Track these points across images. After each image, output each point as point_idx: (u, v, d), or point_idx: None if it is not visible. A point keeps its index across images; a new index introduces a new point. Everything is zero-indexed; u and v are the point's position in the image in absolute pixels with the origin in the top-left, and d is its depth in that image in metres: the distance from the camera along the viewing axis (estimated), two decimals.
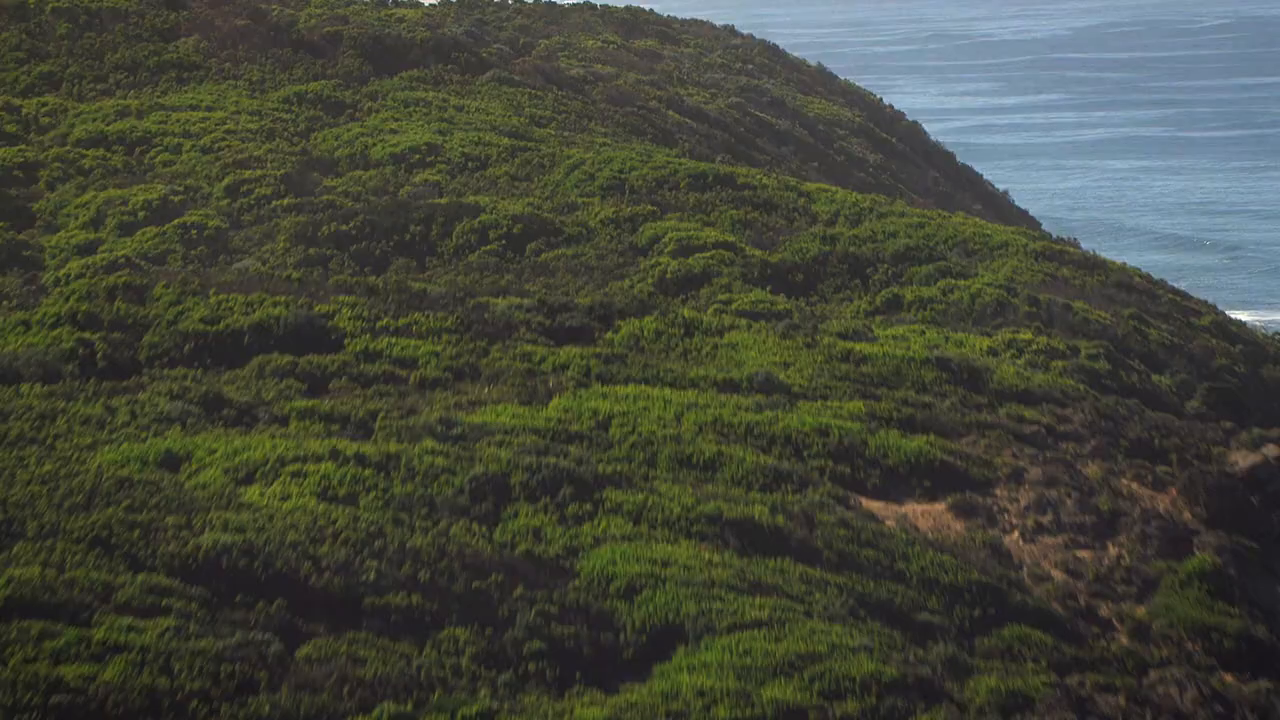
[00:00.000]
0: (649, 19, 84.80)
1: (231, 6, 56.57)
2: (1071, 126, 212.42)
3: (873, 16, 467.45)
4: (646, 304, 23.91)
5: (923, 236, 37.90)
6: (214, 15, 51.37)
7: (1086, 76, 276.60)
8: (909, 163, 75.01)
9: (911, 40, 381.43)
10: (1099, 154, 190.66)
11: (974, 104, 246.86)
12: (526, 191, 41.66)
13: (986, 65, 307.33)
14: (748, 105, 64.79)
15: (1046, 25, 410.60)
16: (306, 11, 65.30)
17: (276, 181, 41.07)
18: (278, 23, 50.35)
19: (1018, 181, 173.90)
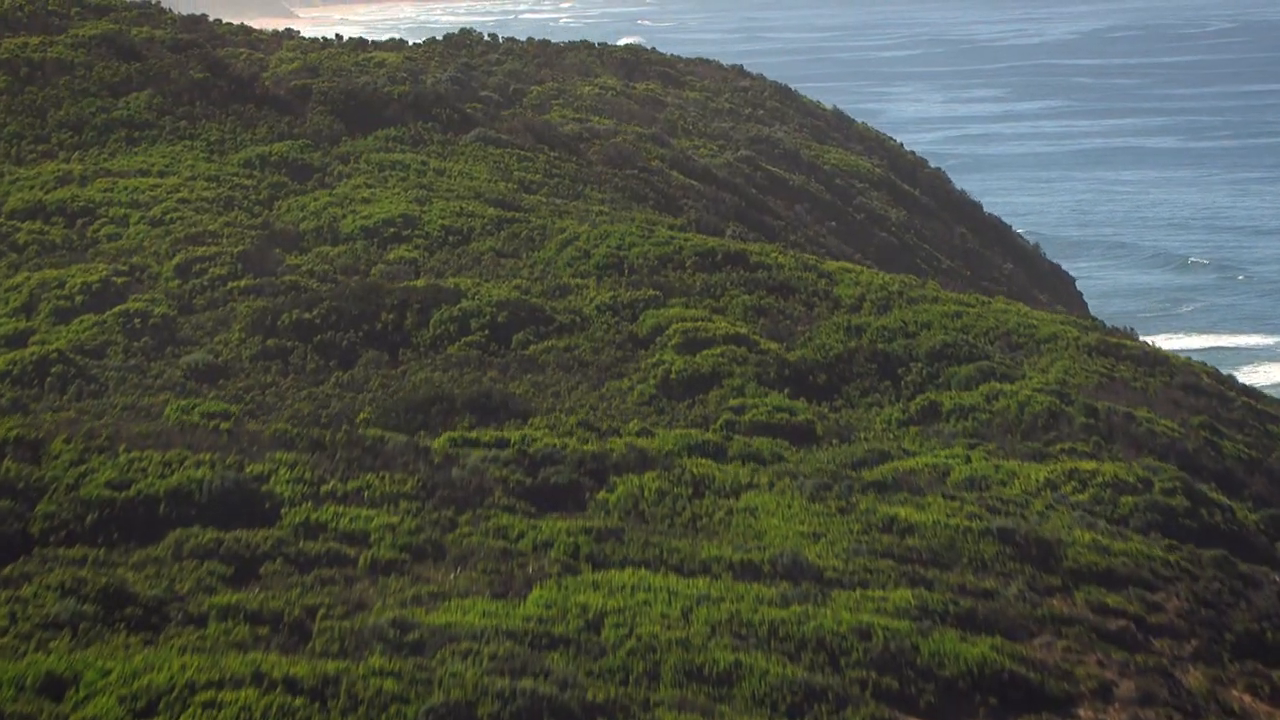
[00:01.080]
0: (650, 59, 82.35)
1: (191, 56, 54.00)
2: (1078, 135, 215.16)
3: (867, 20, 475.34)
4: (647, 457, 21.19)
5: (960, 328, 35.13)
6: (170, 67, 48.71)
7: (1092, 84, 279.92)
8: (934, 218, 72.34)
9: (910, 44, 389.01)
10: (1107, 164, 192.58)
11: (980, 111, 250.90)
12: (514, 271, 38.93)
13: (991, 71, 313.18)
14: (759, 158, 62.16)
15: (1051, 29, 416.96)
16: (277, 56, 62.97)
17: (233, 260, 38.36)
18: (240, 75, 47.71)
19: (1026, 193, 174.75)
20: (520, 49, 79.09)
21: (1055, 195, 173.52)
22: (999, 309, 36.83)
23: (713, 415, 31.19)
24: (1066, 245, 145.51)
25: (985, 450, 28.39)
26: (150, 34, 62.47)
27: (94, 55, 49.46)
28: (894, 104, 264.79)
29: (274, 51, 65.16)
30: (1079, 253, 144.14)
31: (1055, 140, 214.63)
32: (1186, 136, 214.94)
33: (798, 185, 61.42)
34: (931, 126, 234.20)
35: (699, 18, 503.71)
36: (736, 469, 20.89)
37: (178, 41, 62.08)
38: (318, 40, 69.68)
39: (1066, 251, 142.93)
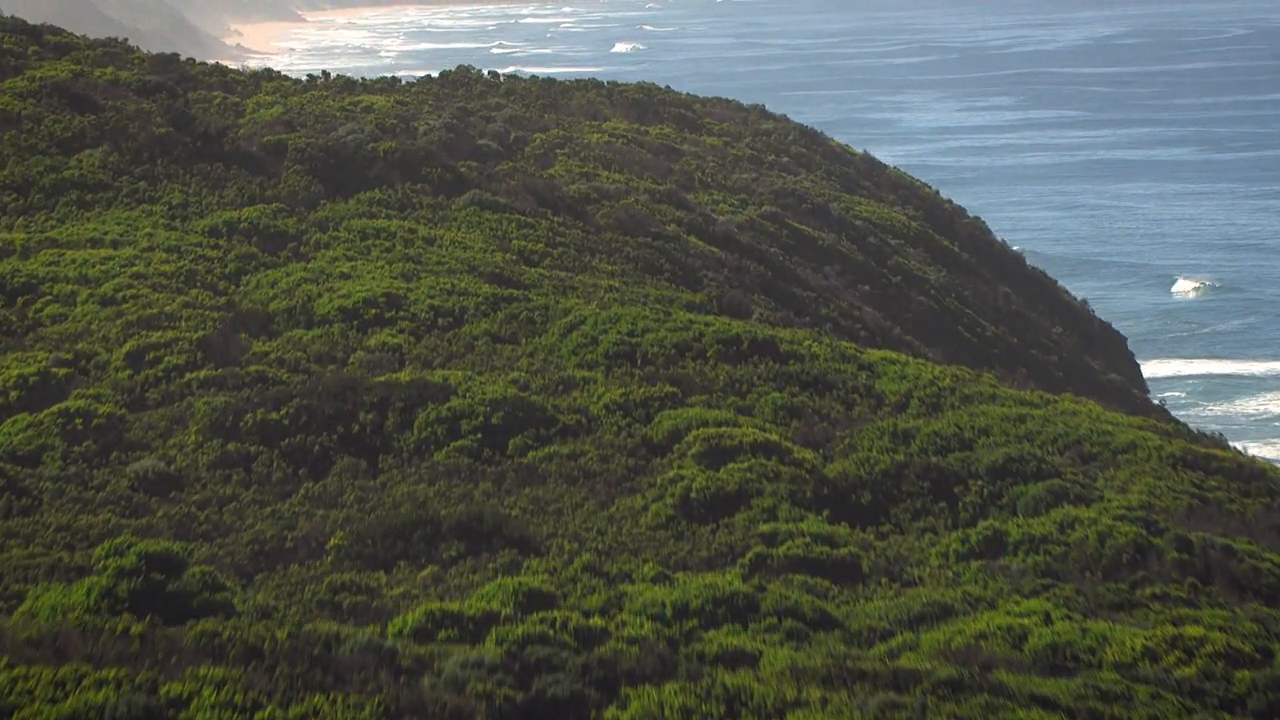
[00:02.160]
0: (664, 99, 79.62)
1: (154, 104, 51.29)
2: (1094, 146, 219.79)
3: (869, 26, 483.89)
4: (666, 661, 18.28)
5: (1023, 434, 32.16)
6: (129, 120, 45.92)
7: (1106, 92, 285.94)
8: (975, 276, 69.45)
9: (917, 51, 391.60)
10: (1123, 176, 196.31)
11: (993, 120, 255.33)
12: (511, 360, 36.02)
13: (1002, 78, 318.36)
14: (785, 214, 59.33)
15: (1062, 35, 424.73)
16: (255, 99, 60.32)
17: (192, 347, 35.50)
18: (207, 130, 44.88)
19: (1041, 207, 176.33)
20: (523, 89, 76.38)
21: (1071, 210, 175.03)
22: (1066, 410, 33.86)
23: (740, 544, 28.26)
24: (1083, 264, 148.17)
25: (1063, 596, 25.41)
26: (115, 76, 59.89)
27: (44, 106, 46.73)
28: (906, 113, 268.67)
29: (252, 94, 62.41)
30: (1096, 272, 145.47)
31: (1070, 151, 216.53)
32: (1205, 148, 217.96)
33: (828, 244, 58.56)
34: (944, 136, 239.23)
35: (701, 23, 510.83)
36: (778, 677, 17.93)
37: (145, 84, 59.50)
38: (300, 82, 66.96)
39: (1084, 270, 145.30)
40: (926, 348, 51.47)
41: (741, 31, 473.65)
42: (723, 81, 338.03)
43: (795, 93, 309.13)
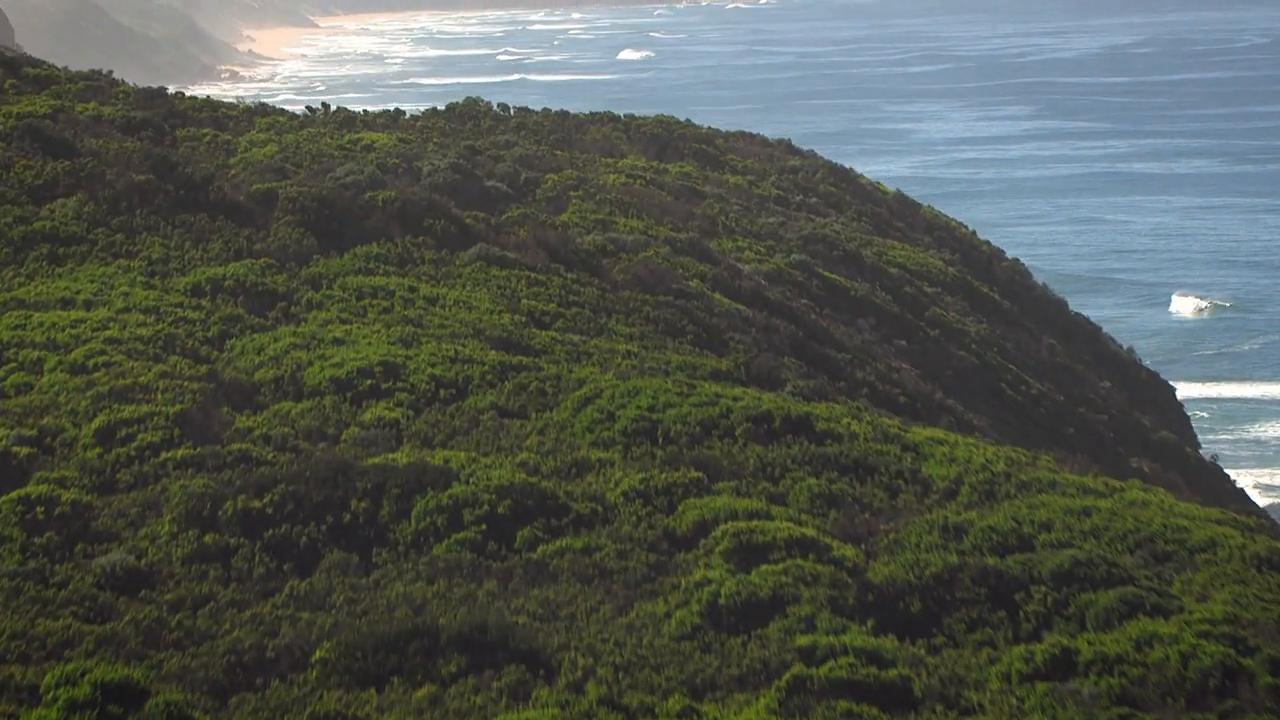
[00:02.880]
0: (685, 133, 77.51)
1: (138, 142, 49.29)
2: (1112, 158, 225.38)
3: (877, 34, 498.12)
4: None
5: (1089, 530, 29.91)
6: (107, 166, 43.82)
7: (1123, 102, 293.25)
8: (1017, 326, 67.23)
9: (931, 60, 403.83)
10: (1143, 189, 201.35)
11: (1009, 130, 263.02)
12: (519, 438, 33.83)
13: (1017, 87, 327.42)
14: (815, 262, 57.15)
15: (1076, 43, 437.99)
16: (248, 137, 58.45)
17: (169, 423, 33.38)
18: (191, 177, 42.75)
19: (1059, 221, 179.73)
20: (534, 123, 74.33)
21: (1091, 225, 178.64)
22: (1135, 500, 31.58)
23: (776, 660, 26.02)
24: (1103, 282, 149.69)
25: None
26: (98, 111, 57.98)
27: (14, 150, 44.67)
28: (921, 123, 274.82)
29: (244, 131, 60.45)
30: (1115, 290, 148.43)
31: (1088, 163, 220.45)
32: (1225, 160, 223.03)
33: (861, 295, 56.37)
34: (960, 147, 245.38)
35: (711, 30, 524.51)
36: None
37: (130, 120, 57.58)
38: (297, 117, 64.88)
39: (1103, 288, 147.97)
40: (971, 412, 49.27)
41: (750, 39, 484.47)
42: (733, 90, 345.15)
43: (808, 101, 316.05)
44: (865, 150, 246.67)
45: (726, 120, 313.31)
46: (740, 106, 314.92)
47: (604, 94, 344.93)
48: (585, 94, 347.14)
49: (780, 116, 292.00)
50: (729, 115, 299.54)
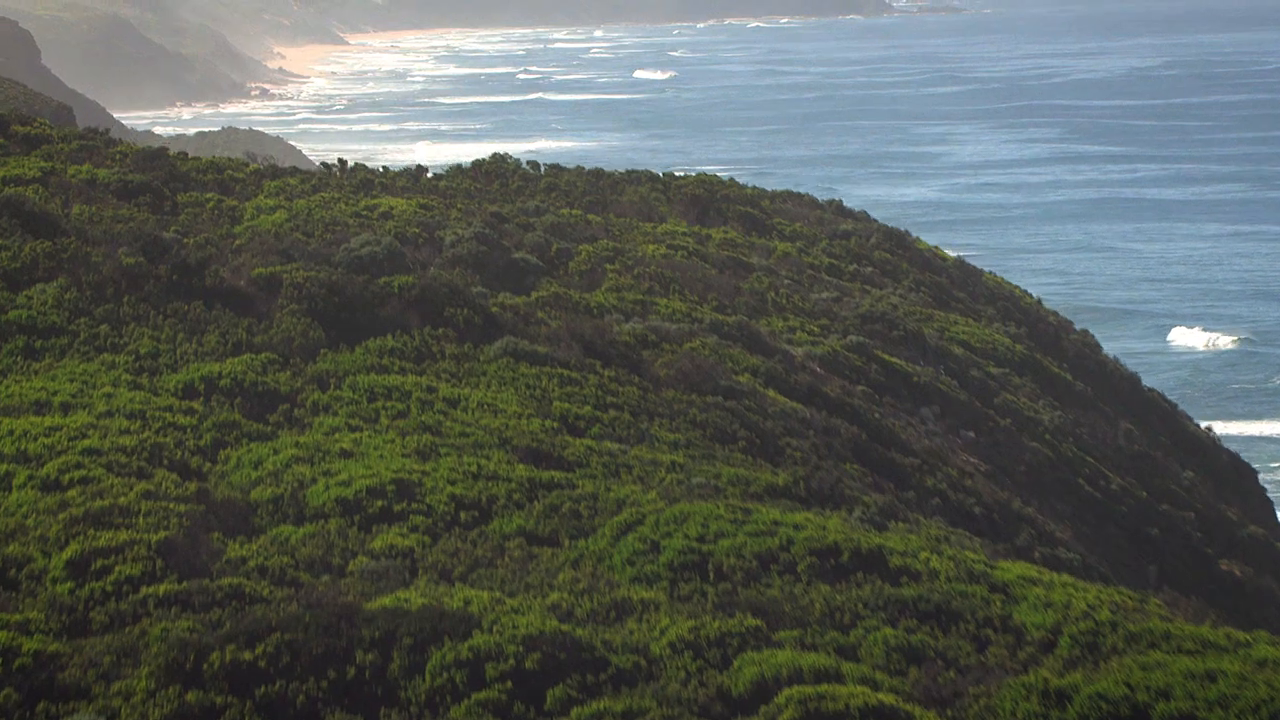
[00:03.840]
0: (728, 194, 74.57)
1: (128, 216, 46.53)
2: (1143, 183, 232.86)
3: (893, 54, 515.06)
4: None
5: (1215, 699, 26.69)
6: (93, 247, 40.90)
7: (1151, 125, 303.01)
8: (1091, 409, 63.99)
9: (953, 81, 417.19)
10: (1173, 215, 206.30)
11: (1038, 153, 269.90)
12: (550, 572, 30.75)
13: (1042, 109, 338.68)
14: (873, 344, 54.03)
15: (1103, 65, 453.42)
16: (254, 203, 55.79)
17: (151, 553, 30.42)
18: (185, 260, 39.81)
19: (1092, 251, 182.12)
20: (567, 182, 71.47)
21: (1122, 254, 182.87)
22: (1265, 659, 28.32)
23: None
24: (1138, 315, 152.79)
25: None
26: (92, 174, 55.38)
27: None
28: (948, 146, 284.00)
29: (251, 196, 57.72)
30: (1146, 324, 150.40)
31: (1118, 187, 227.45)
32: (1256, 185, 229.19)
33: (924, 381, 53.23)
34: (987, 170, 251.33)
35: (731, 49, 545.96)
36: None
37: (127, 184, 55.01)
38: (309, 176, 62.01)
39: (1139, 323, 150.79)
40: (1051, 520, 46.12)
41: (769, 59, 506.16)
42: (755, 111, 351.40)
43: (831, 123, 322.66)
44: (891, 174, 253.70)
45: (750, 142, 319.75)
46: (764, 128, 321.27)
47: (624, 113, 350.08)
48: (604, 113, 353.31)
49: (805, 139, 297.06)
50: (753, 137, 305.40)
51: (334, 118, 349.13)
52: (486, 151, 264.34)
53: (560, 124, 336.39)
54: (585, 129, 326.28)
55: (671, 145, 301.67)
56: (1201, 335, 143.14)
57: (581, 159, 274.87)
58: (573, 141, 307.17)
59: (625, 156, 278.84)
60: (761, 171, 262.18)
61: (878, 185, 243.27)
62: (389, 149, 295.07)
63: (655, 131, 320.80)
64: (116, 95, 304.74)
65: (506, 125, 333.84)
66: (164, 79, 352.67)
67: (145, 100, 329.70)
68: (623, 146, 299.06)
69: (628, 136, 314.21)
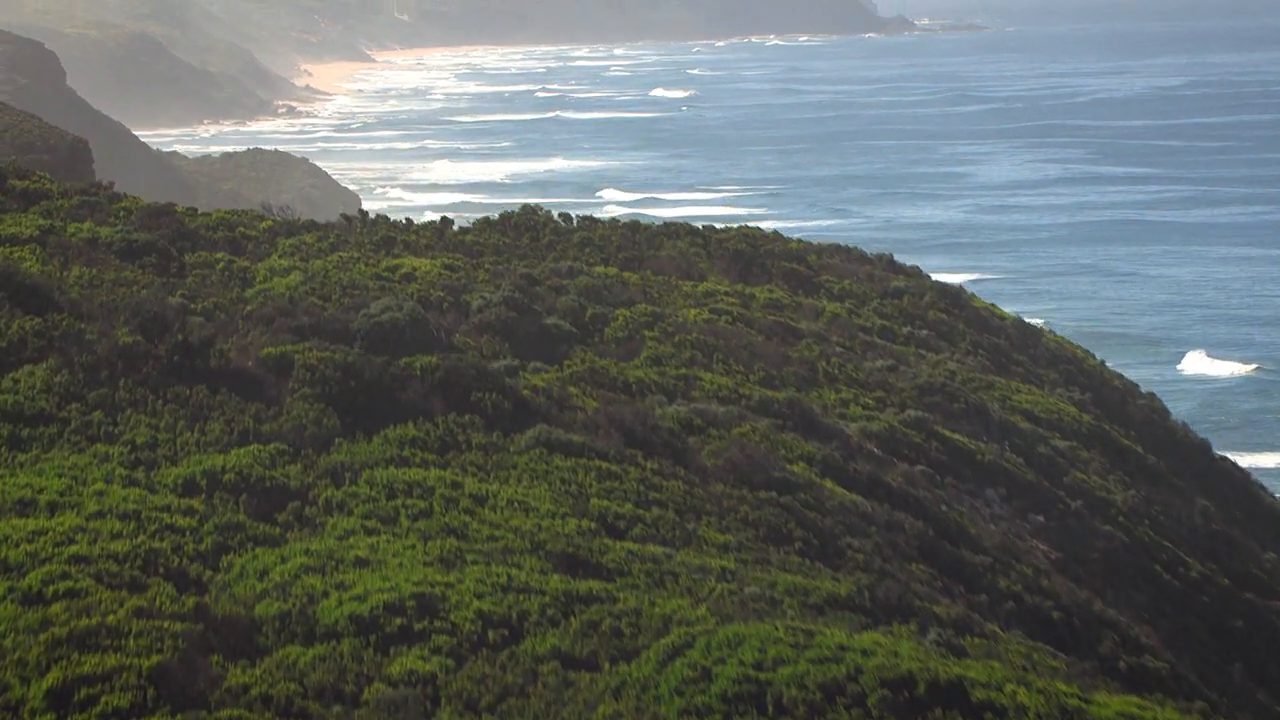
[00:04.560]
0: (772, 249, 72.01)
1: (127, 287, 44.18)
2: (1171, 204, 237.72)
3: (909, 73, 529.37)
4: None
5: None
6: (88, 323, 38.39)
7: (1177, 146, 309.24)
8: (1162, 483, 61.18)
9: (972, 100, 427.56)
10: (1201, 239, 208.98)
11: (1065, 173, 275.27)
12: (588, 704, 28.20)
13: (1069, 129, 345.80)
14: (932, 418, 51.38)
15: (1127, 85, 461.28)
16: (267, 264, 53.63)
17: (142, 681, 27.93)
18: (188, 339, 37.31)
19: (1119, 278, 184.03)
20: (601, 236, 68.97)
21: (1152, 281, 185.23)
22: None
23: None
24: (1166, 341, 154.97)
25: None
26: (94, 232, 53.11)
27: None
28: (972, 166, 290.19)
29: (265, 256, 55.37)
30: (1171, 349, 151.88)
31: (1146, 209, 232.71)
32: None
33: (988, 460, 50.58)
34: (1015, 191, 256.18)
35: (750, 68, 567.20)
36: None
37: (131, 244, 52.77)
38: (327, 232, 59.52)
39: (1167, 349, 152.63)
40: (1135, 623, 43.38)
41: (788, 77, 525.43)
42: (774, 130, 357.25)
43: (855, 142, 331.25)
44: (917, 194, 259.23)
45: (774, 163, 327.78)
46: (784, 148, 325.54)
47: (642, 132, 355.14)
48: (622, 132, 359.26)
49: (828, 159, 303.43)
50: (773, 156, 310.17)
51: (356, 135, 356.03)
52: (505, 170, 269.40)
53: (578, 143, 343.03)
54: (603, 148, 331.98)
55: (690, 165, 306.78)
56: (1222, 364, 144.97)
57: (598, 178, 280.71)
58: (591, 160, 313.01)
59: (644, 176, 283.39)
60: (782, 191, 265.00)
61: (906, 205, 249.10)
62: (410, 167, 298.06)
63: (674, 151, 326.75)
64: (143, 113, 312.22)
65: (525, 144, 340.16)
66: (191, 96, 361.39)
67: (171, 118, 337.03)
68: (642, 166, 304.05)
69: (646, 155, 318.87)
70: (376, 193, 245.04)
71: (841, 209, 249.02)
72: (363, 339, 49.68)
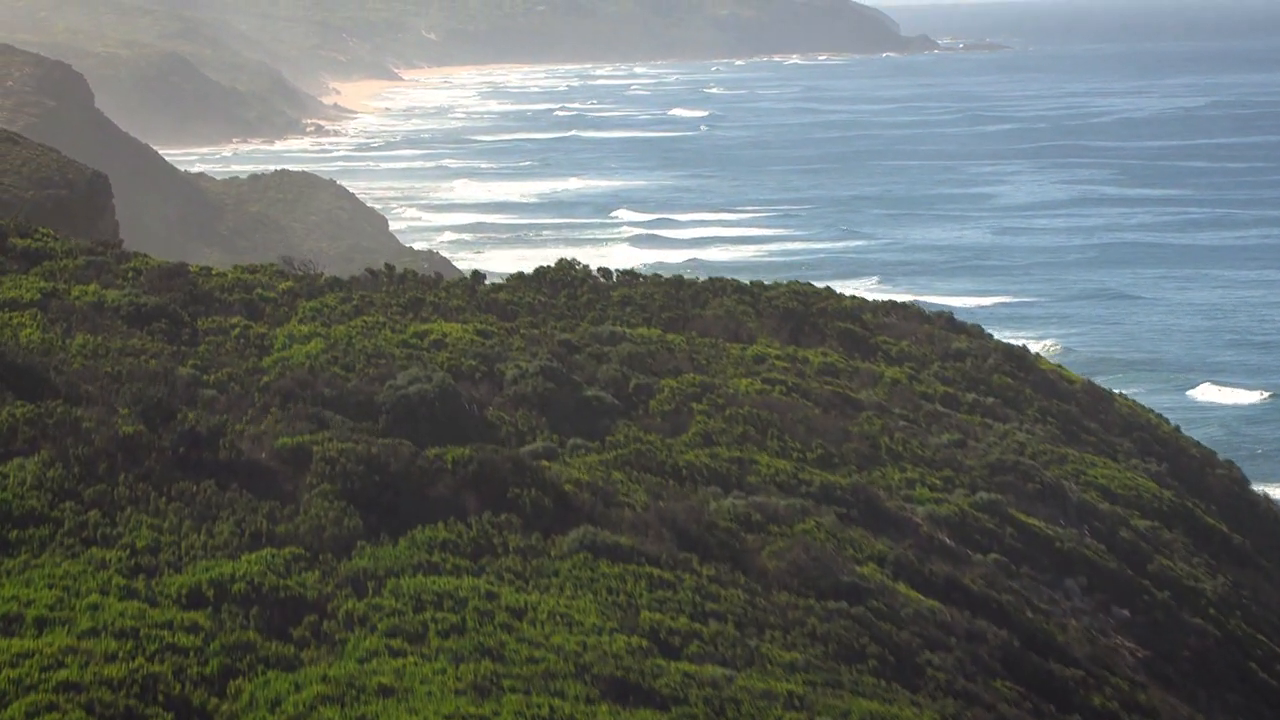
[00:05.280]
0: (824, 306, 69.13)
1: (133, 358, 41.59)
2: (1202, 226, 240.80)
3: (924, 93, 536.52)
4: None
5: None
6: (85, 408, 35.63)
7: (1203, 168, 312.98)
8: (1249, 564, 58.12)
9: (992, 120, 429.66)
10: (1225, 262, 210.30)
11: (1091, 194, 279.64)
12: None
13: (1095, 150, 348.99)
14: (1005, 500, 48.45)
15: (1146, 104, 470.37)
16: (286, 330, 51.07)
17: None
18: (194, 429, 34.54)
19: (1152, 304, 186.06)
20: (642, 294, 66.14)
21: (1188, 308, 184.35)
22: None
23: None
24: (1211, 369, 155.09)
25: None
26: (99, 296, 50.62)
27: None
28: (996, 187, 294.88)
29: (284, 320, 52.71)
30: (1193, 384, 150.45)
31: (1175, 231, 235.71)
32: None
33: (1068, 548, 47.66)
34: (1047, 212, 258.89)
35: (769, 87, 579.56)
36: None
37: (140, 308, 50.33)
38: (350, 293, 56.68)
39: (1199, 376, 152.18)
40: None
41: (806, 96, 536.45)
42: (794, 149, 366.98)
43: (881, 162, 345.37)
44: (943, 215, 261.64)
45: (792, 182, 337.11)
46: (804, 167, 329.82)
47: (659, 152, 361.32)
48: (640, 152, 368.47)
49: (846, 179, 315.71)
50: (794, 176, 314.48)
51: (377, 154, 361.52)
52: (522, 190, 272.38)
53: (595, 162, 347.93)
54: (620, 167, 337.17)
55: (707, 185, 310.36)
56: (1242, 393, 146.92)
57: (614, 198, 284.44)
58: (607, 180, 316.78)
59: (661, 196, 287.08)
60: (799, 212, 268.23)
61: (932, 226, 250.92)
62: (430, 186, 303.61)
63: (691, 171, 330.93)
64: (172, 131, 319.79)
65: (543, 164, 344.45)
66: (220, 115, 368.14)
67: (200, 136, 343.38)
68: (658, 186, 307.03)
69: (663, 175, 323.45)
70: (394, 212, 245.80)
71: (860, 230, 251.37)
72: (388, 413, 46.98)
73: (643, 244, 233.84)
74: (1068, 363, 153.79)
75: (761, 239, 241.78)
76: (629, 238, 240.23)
